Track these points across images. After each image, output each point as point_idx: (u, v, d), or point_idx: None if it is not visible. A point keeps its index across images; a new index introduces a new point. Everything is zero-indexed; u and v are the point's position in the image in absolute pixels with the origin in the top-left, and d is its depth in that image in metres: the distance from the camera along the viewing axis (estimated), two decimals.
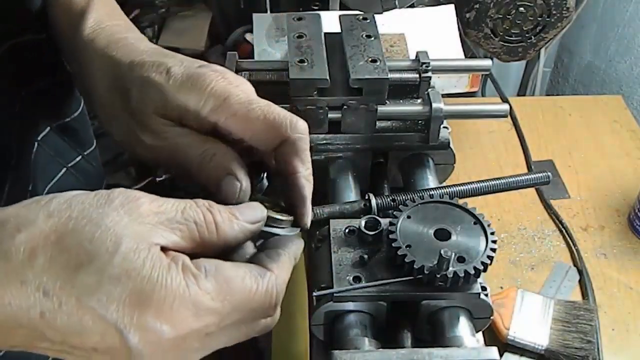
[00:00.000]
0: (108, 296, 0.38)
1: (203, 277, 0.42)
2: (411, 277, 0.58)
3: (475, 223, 0.62)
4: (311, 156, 0.56)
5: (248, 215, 0.47)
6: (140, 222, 0.41)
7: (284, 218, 0.52)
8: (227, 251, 0.46)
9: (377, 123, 0.77)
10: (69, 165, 0.70)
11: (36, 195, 0.63)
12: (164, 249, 0.42)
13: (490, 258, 0.59)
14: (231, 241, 0.46)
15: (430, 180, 0.77)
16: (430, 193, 0.68)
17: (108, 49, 0.55)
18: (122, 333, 0.39)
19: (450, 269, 0.57)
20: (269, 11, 1.17)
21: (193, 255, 0.44)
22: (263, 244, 0.50)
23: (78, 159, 0.71)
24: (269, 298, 0.45)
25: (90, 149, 0.73)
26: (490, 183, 0.71)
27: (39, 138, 0.65)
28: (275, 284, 0.46)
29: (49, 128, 0.66)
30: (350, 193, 0.75)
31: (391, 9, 0.92)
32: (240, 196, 0.50)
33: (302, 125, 0.52)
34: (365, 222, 0.63)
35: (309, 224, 0.54)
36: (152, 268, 0.40)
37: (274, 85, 0.75)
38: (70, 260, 0.39)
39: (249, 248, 0.50)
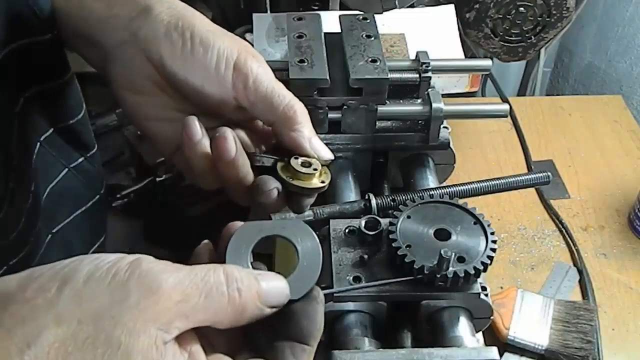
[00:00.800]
0: None
1: None
2: (411, 277, 0.58)
3: (475, 223, 0.62)
4: None
5: (272, 300, 0.44)
6: (156, 320, 0.39)
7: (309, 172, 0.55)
8: None
9: (377, 123, 0.77)
10: (71, 166, 0.70)
11: (38, 196, 0.63)
12: (179, 335, 0.41)
13: (490, 258, 0.59)
14: (247, 321, 0.44)
15: (430, 180, 0.77)
16: (430, 193, 0.68)
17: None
18: None
19: (450, 269, 0.57)
20: (269, 11, 1.17)
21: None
22: (287, 323, 0.45)
23: (80, 160, 0.71)
24: None
25: (92, 151, 0.73)
26: (490, 183, 0.71)
27: (41, 139, 0.65)
28: None
29: (52, 129, 0.66)
30: (350, 193, 0.75)
31: (391, 9, 0.92)
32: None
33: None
34: (365, 222, 0.63)
35: (329, 154, 0.58)
36: None
37: None
38: None
39: None
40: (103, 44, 0.59)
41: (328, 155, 0.61)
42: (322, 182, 0.61)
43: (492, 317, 0.63)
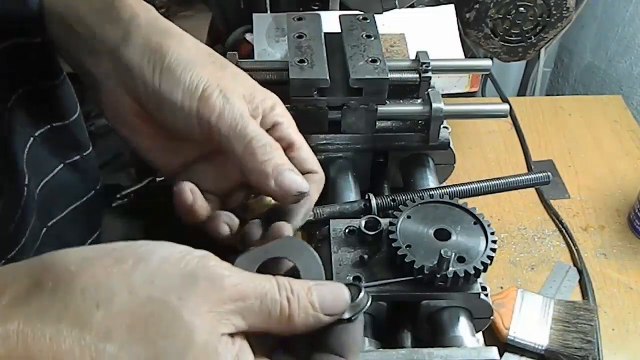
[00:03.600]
0: None
1: None
2: (411, 277, 0.58)
3: (475, 223, 0.62)
4: None
5: (328, 308, 0.45)
6: (216, 309, 0.41)
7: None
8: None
9: (377, 123, 0.77)
10: (67, 161, 0.70)
11: (31, 189, 0.63)
12: (232, 334, 0.42)
13: (490, 258, 0.59)
14: (299, 330, 0.44)
15: (430, 180, 0.77)
16: (430, 193, 0.68)
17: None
18: None
19: (450, 269, 0.57)
20: (269, 11, 1.17)
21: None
22: (329, 336, 0.46)
23: (76, 157, 0.71)
24: None
25: (87, 151, 0.73)
26: (490, 183, 0.71)
27: (35, 134, 0.65)
28: None
29: (47, 126, 0.66)
30: (350, 193, 0.75)
31: (391, 9, 0.92)
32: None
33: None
34: (365, 222, 0.63)
35: (299, 187, 0.54)
36: None
37: (274, 85, 0.74)
38: (141, 353, 0.39)
39: None
40: (92, 74, 0.59)
41: (298, 187, 0.55)
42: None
43: (492, 317, 0.63)
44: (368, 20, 0.82)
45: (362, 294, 0.46)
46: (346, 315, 0.46)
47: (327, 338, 0.46)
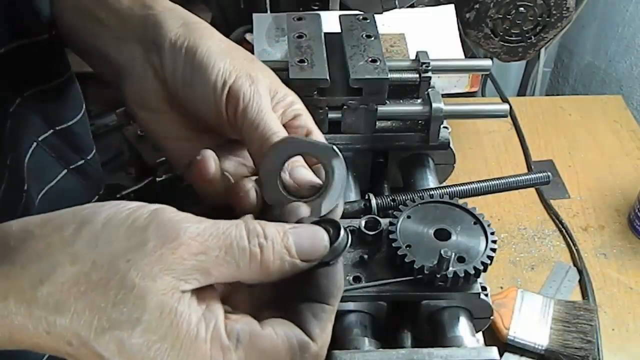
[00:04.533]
0: None
1: (233, 352, 0.39)
2: (411, 277, 0.58)
3: (475, 223, 0.62)
4: None
5: (305, 253, 0.43)
6: (173, 269, 0.39)
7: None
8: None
9: (377, 123, 0.77)
10: (71, 167, 0.70)
11: (31, 196, 0.63)
12: (198, 290, 0.40)
13: (490, 258, 0.59)
14: (275, 277, 0.42)
15: (430, 180, 0.77)
16: (430, 193, 0.68)
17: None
18: None
19: (450, 269, 0.57)
20: (269, 11, 1.17)
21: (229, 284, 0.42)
22: (302, 282, 0.44)
23: (80, 162, 0.71)
24: None
25: (91, 154, 0.73)
26: (490, 183, 0.71)
27: (38, 139, 0.65)
28: (318, 357, 0.42)
29: (51, 130, 0.66)
30: (350, 193, 0.75)
31: (391, 9, 0.92)
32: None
33: None
34: (365, 222, 0.63)
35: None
36: (176, 338, 0.38)
37: None
38: (93, 322, 0.38)
39: None
40: (117, 61, 0.59)
41: (310, 181, 0.54)
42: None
43: (492, 317, 0.63)
44: (368, 20, 0.82)
45: (342, 234, 0.44)
46: (325, 260, 0.43)
47: (305, 284, 0.43)
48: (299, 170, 0.52)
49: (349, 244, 0.44)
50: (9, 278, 0.38)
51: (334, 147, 0.50)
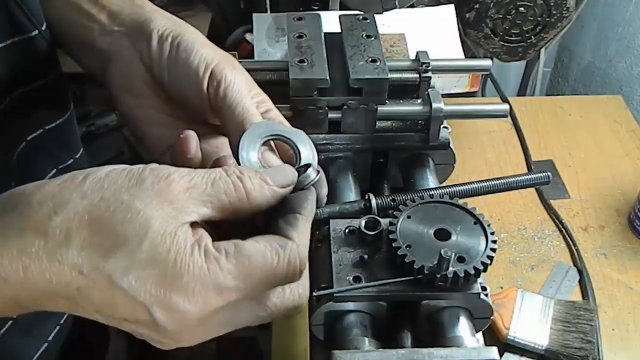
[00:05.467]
0: (137, 279, 0.42)
1: (223, 259, 0.44)
2: (411, 277, 0.58)
3: (475, 223, 0.62)
4: None
5: (279, 180, 0.49)
6: (170, 201, 0.44)
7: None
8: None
9: (377, 123, 0.77)
10: (60, 167, 0.70)
11: None
12: (194, 224, 0.45)
13: (490, 258, 0.59)
14: (263, 206, 0.48)
15: (430, 180, 0.77)
16: (430, 193, 0.68)
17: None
18: (150, 311, 0.43)
19: (450, 269, 0.57)
20: (269, 11, 1.17)
21: (225, 223, 0.47)
22: (279, 208, 0.50)
23: (70, 161, 0.71)
24: (292, 268, 0.47)
25: (79, 153, 0.73)
26: (490, 183, 0.71)
27: (28, 138, 0.65)
28: (297, 252, 0.47)
29: (41, 129, 0.67)
30: (350, 193, 0.75)
31: (391, 9, 0.92)
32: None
33: None
34: (365, 222, 0.63)
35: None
36: (177, 253, 0.43)
37: (274, 85, 0.75)
38: (103, 243, 0.42)
39: None
40: (105, 51, 0.63)
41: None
42: None
43: (492, 317, 0.63)
44: (368, 20, 0.82)
45: (310, 169, 0.52)
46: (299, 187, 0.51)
47: (282, 206, 0.50)
48: (270, 154, 0.57)
49: (318, 176, 0.53)
50: (24, 214, 0.43)
51: (302, 132, 0.57)
